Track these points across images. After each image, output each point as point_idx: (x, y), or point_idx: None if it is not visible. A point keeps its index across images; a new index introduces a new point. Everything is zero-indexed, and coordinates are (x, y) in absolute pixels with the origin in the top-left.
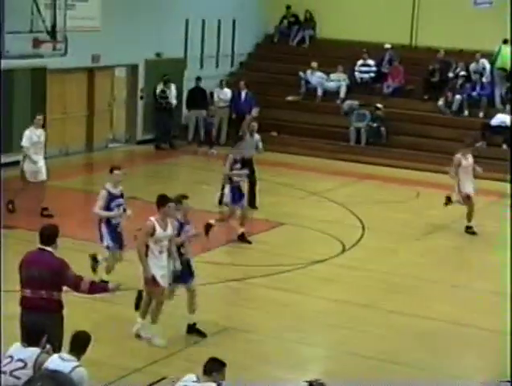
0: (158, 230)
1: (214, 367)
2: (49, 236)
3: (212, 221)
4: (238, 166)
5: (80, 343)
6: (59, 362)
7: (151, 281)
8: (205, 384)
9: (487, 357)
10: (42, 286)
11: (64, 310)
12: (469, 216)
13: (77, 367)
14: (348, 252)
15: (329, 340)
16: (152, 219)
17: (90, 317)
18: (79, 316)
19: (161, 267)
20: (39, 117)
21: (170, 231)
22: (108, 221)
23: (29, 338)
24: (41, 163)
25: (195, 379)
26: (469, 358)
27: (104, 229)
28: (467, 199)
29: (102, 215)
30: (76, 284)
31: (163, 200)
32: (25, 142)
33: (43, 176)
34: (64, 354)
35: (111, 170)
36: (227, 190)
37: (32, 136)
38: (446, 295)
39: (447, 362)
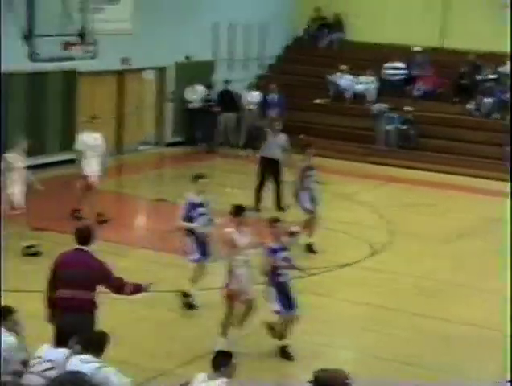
0: (240, 239)
1: (221, 361)
2: (86, 237)
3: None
4: (312, 172)
5: (97, 343)
6: (79, 364)
7: (238, 294)
8: (215, 382)
9: None
10: (81, 287)
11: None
12: None
13: (101, 367)
14: (377, 256)
15: (356, 343)
16: (230, 230)
17: (119, 318)
18: (107, 317)
19: (247, 277)
20: (97, 120)
21: (248, 238)
22: (191, 231)
23: (62, 339)
24: (98, 167)
25: (205, 377)
26: (495, 362)
27: (189, 241)
28: None
29: (183, 225)
30: (118, 287)
31: (239, 210)
32: (79, 146)
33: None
34: (84, 356)
35: (195, 179)
36: (305, 197)
37: (88, 139)
38: (473, 299)
39: (473, 366)
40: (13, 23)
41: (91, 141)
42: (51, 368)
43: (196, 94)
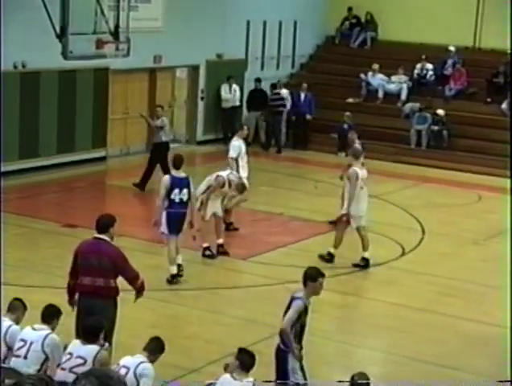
0: None
1: (253, 361)
2: (104, 224)
3: None
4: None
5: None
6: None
7: None
8: (244, 381)
9: None
10: (101, 274)
11: (120, 309)
12: None
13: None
14: (408, 256)
15: (387, 343)
16: None
17: (146, 316)
18: (135, 315)
19: None
20: (246, 129)
21: None
22: None
23: (83, 323)
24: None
25: (230, 378)
26: None
27: None
28: None
29: None
30: (133, 278)
31: None
32: (233, 154)
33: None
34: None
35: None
36: None
37: (241, 147)
38: (506, 301)
39: (506, 369)
40: (46, 21)
41: (243, 148)
42: (82, 364)
43: (231, 93)
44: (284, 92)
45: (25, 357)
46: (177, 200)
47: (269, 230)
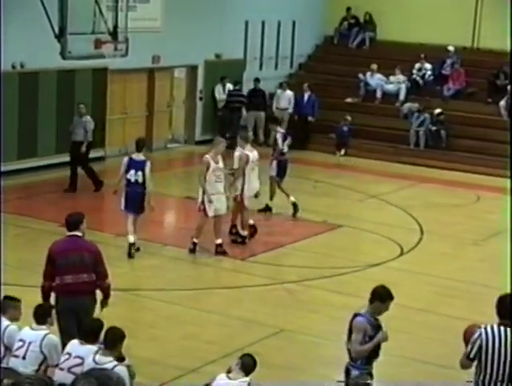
0: None
1: (254, 365)
2: (74, 222)
3: None
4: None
5: (113, 338)
6: (92, 364)
7: None
8: (239, 381)
9: None
10: (83, 270)
11: (118, 309)
12: None
13: (116, 366)
14: (407, 256)
15: (387, 344)
16: None
17: (144, 316)
18: (134, 315)
19: None
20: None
21: None
22: None
23: (69, 323)
24: (257, 184)
25: (225, 377)
26: None
27: None
28: None
29: None
30: (104, 275)
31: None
32: (236, 164)
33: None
34: (98, 356)
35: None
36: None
37: (254, 155)
38: None
39: None
40: (45, 21)
41: (250, 157)
42: (81, 364)
43: (225, 93)
44: (289, 93)
45: (23, 357)
46: (132, 180)
47: (267, 230)
